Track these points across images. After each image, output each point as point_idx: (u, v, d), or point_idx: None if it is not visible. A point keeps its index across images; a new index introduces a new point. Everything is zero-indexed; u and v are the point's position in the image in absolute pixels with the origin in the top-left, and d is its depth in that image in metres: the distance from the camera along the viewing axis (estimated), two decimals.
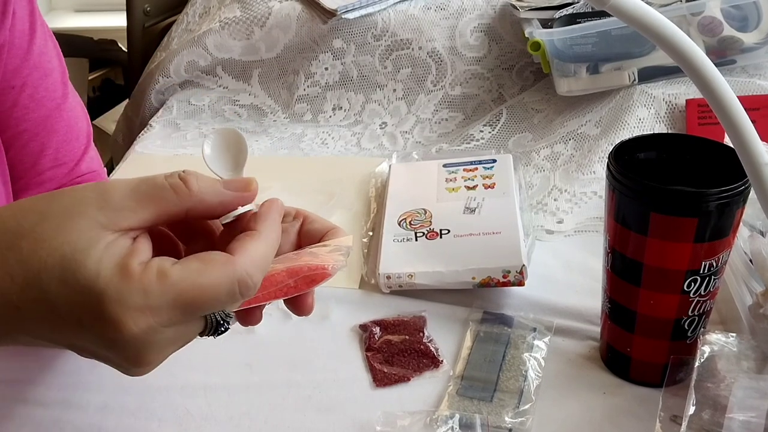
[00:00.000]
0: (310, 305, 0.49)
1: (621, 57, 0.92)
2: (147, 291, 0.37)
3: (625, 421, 0.56)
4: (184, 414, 0.58)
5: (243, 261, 0.40)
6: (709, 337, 0.54)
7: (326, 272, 0.46)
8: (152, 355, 0.40)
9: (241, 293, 0.40)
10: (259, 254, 0.41)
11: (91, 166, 0.71)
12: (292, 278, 0.45)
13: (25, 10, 0.64)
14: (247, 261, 0.40)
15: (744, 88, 0.89)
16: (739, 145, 0.44)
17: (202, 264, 0.39)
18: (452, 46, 1.07)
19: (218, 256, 0.40)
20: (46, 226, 0.38)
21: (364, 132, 1.05)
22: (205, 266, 0.39)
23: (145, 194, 0.40)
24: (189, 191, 0.41)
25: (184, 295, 0.38)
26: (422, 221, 0.75)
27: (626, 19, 0.43)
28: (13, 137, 0.64)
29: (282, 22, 1.08)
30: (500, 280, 0.67)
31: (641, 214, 0.52)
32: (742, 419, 0.47)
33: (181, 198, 0.40)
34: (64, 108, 0.67)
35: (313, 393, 0.60)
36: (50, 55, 0.67)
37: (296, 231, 0.51)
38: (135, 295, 0.37)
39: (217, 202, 0.42)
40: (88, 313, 0.37)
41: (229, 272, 0.39)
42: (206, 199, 0.42)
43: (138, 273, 0.37)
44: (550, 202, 0.83)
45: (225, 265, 0.39)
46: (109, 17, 1.87)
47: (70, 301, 0.37)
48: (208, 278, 0.39)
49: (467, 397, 0.58)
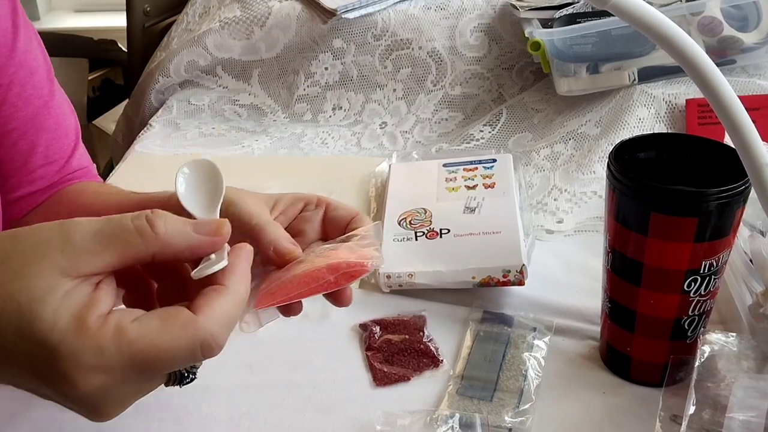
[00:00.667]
0: (349, 297, 0.50)
1: (621, 57, 0.92)
2: (102, 349, 0.36)
3: (625, 420, 0.56)
4: (184, 414, 0.58)
5: (206, 321, 0.38)
6: (709, 336, 0.54)
7: (365, 268, 0.47)
8: (110, 408, 0.39)
9: (203, 354, 0.38)
10: (224, 312, 0.39)
11: (82, 162, 0.71)
12: (333, 274, 0.46)
13: (7, 8, 0.63)
14: (211, 321, 0.38)
15: (744, 88, 0.89)
16: (740, 144, 0.44)
17: (162, 323, 0.38)
18: (452, 46, 1.07)
19: (180, 315, 0.38)
20: (5, 268, 0.37)
21: (364, 132, 1.05)
22: (165, 326, 0.37)
23: (109, 237, 0.38)
24: (155, 235, 0.39)
25: (141, 355, 0.37)
26: (422, 221, 0.75)
27: (627, 18, 0.43)
28: (2, 136, 0.64)
29: (282, 21, 1.08)
30: (500, 279, 0.67)
31: (641, 214, 0.52)
32: (742, 419, 0.47)
33: (146, 242, 0.39)
34: (51, 105, 0.67)
35: (313, 393, 0.60)
36: (35, 53, 0.66)
37: (320, 219, 0.51)
38: (89, 354, 0.36)
39: (184, 246, 0.40)
40: (43, 367, 0.36)
41: (189, 334, 0.38)
42: (173, 244, 0.40)
43: (94, 329, 0.36)
44: (550, 201, 0.83)
45: (186, 327, 0.38)
46: (109, 17, 1.87)
47: (26, 352, 0.36)
48: (167, 339, 0.37)
49: (467, 397, 0.58)
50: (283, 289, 0.47)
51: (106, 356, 0.36)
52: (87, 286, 0.38)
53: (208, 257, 0.42)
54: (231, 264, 0.41)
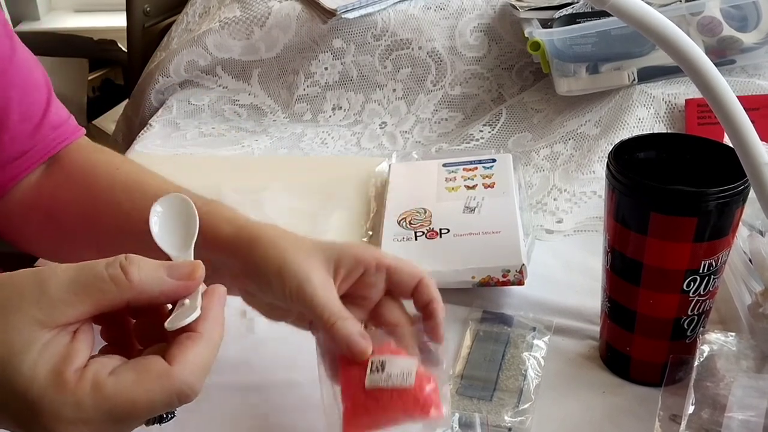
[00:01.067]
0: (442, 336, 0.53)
1: (621, 57, 0.92)
2: (80, 404, 0.37)
3: (625, 420, 0.56)
4: (184, 414, 0.58)
5: (181, 372, 0.39)
6: (709, 336, 0.54)
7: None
8: None
9: (179, 402, 0.40)
10: (199, 360, 0.40)
11: (61, 115, 0.68)
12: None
13: None
14: (186, 371, 0.39)
15: (743, 88, 0.89)
16: (739, 144, 0.44)
17: (137, 377, 0.38)
18: (452, 46, 1.07)
19: (155, 367, 0.39)
20: None
21: (364, 132, 1.05)
22: (140, 380, 0.38)
23: (84, 286, 0.39)
24: (129, 283, 0.39)
25: (118, 408, 0.38)
26: (422, 221, 0.75)
27: (626, 18, 0.43)
28: None
29: (282, 21, 1.08)
30: (500, 279, 0.67)
31: (641, 214, 0.52)
32: (742, 418, 0.47)
33: (120, 290, 0.39)
34: (14, 61, 0.65)
35: (313, 393, 0.60)
36: None
37: (383, 283, 0.53)
38: (68, 408, 0.37)
39: (158, 292, 0.41)
40: (24, 419, 0.38)
41: (165, 386, 0.39)
42: (147, 290, 0.40)
43: (72, 383, 0.37)
44: (550, 201, 0.83)
45: (161, 378, 0.39)
46: (109, 17, 1.87)
47: (8, 403, 0.37)
48: (142, 393, 0.38)
49: (467, 397, 0.58)
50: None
51: (85, 410, 0.37)
52: (64, 336, 0.39)
53: (182, 302, 0.42)
54: (204, 309, 0.42)
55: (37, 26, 1.91)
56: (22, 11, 1.92)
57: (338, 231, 0.80)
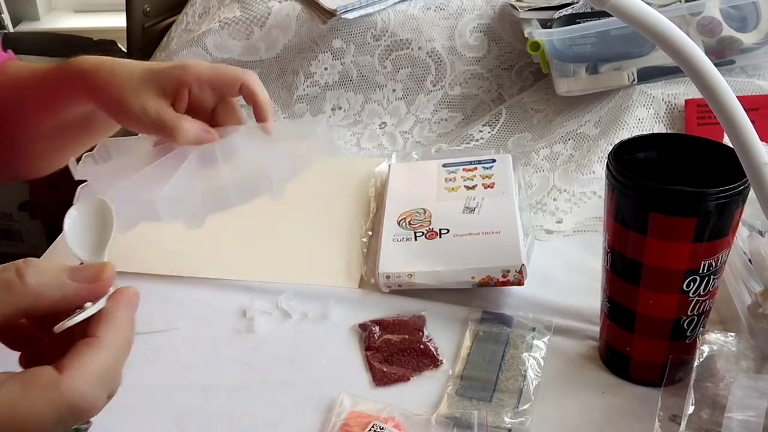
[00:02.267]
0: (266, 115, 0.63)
1: (620, 57, 0.92)
2: None
3: (625, 420, 0.56)
4: (184, 414, 0.58)
5: (73, 381, 0.34)
6: (709, 336, 0.54)
7: None
8: None
9: (73, 418, 0.35)
10: (96, 367, 0.35)
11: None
12: None
13: None
14: (78, 380, 0.35)
15: (743, 89, 0.89)
16: (739, 145, 0.44)
17: (22, 389, 0.34)
18: (452, 46, 1.07)
19: (42, 376, 0.35)
20: None
21: (364, 132, 1.05)
22: (27, 393, 0.34)
23: None
24: (25, 288, 0.36)
25: (5, 426, 0.34)
26: (422, 221, 0.75)
27: (626, 19, 0.43)
28: None
29: (281, 22, 1.08)
30: (500, 279, 0.67)
31: (641, 214, 0.52)
32: (741, 418, 0.47)
33: (15, 296, 0.36)
34: None
35: (313, 393, 0.60)
36: None
37: (210, 93, 0.61)
38: None
39: (59, 297, 0.37)
40: None
41: (53, 399, 0.34)
42: (47, 295, 0.36)
43: None
44: (550, 201, 0.83)
45: (48, 389, 0.34)
46: (108, 17, 1.86)
47: None
48: (28, 406, 0.34)
49: (466, 397, 0.58)
50: None
51: None
52: None
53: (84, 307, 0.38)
54: (106, 312, 0.37)
55: (37, 26, 1.90)
56: (22, 11, 1.91)
57: (338, 231, 0.80)
